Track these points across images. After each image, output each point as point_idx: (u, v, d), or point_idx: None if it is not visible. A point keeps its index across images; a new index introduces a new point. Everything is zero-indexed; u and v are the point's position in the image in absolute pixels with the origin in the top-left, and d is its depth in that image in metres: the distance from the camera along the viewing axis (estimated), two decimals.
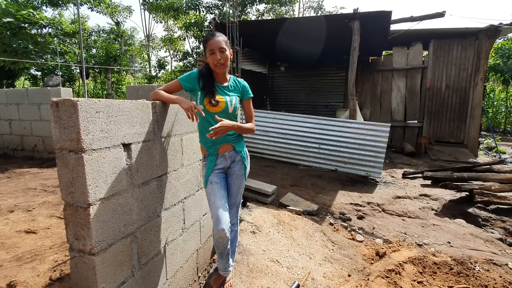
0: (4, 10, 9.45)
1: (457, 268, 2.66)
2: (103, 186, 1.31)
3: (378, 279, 2.47)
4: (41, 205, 3.22)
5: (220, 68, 1.76)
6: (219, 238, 1.74)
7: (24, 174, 4.56)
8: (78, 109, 1.18)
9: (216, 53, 1.73)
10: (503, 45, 12.43)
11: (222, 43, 1.74)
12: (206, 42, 1.76)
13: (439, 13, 6.33)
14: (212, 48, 1.73)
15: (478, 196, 4.07)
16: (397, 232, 3.46)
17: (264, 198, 3.97)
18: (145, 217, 1.61)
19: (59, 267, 2.01)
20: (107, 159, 1.34)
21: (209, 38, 1.75)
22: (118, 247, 1.41)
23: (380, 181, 5.48)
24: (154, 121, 1.65)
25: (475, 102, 8.17)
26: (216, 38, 1.74)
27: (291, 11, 18.35)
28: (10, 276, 1.90)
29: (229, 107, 1.79)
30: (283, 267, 2.43)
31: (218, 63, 1.74)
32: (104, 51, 15.82)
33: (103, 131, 1.31)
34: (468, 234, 3.47)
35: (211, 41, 1.73)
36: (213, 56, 1.73)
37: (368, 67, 9.50)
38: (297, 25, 7.46)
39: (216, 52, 1.72)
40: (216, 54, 1.73)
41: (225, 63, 1.76)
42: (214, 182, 1.82)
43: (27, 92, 5.72)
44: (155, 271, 1.72)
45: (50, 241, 2.41)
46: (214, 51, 1.73)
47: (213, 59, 1.73)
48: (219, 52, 1.73)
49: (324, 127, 5.85)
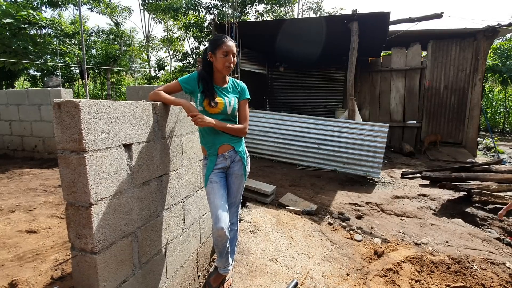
0: (4, 11, 9.46)
1: (455, 267, 2.69)
2: (104, 186, 1.33)
3: (376, 278, 2.49)
4: (42, 205, 3.23)
5: (227, 71, 1.83)
6: (218, 236, 1.77)
7: (25, 175, 4.58)
8: (80, 110, 1.20)
9: (229, 56, 1.79)
10: (502, 45, 12.48)
11: (235, 48, 1.83)
12: (221, 43, 1.77)
13: (437, 14, 6.37)
14: (227, 50, 1.77)
15: (476, 196, 4.10)
16: (396, 231, 3.49)
17: (264, 198, 3.99)
18: (146, 217, 1.63)
19: (61, 266, 2.03)
20: (108, 160, 1.36)
21: (225, 40, 1.79)
22: (119, 246, 1.43)
23: (378, 181, 5.50)
24: (154, 122, 1.68)
25: (473, 103, 8.21)
26: (231, 42, 1.81)
27: (290, 11, 18.37)
28: (12, 275, 1.92)
29: (227, 108, 1.82)
30: (282, 266, 2.45)
31: (230, 66, 1.81)
32: (103, 52, 15.83)
33: (104, 132, 1.33)
34: (466, 233, 3.49)
35: (226, 43, 1.78)
36: (226, 58, 1.78)
37: (367, 68, 9.53)
38: (296, 26, 7.49)
39: (230, 55, 1.79)
40: (229, 56, 1.79)
41: (232, 67, 1.84)
42: (214, 182, 1.85)
43: (28, 92, 5.74)
44: (156, 270, 1.74)
45: (51, 240, 2.43)
46: (228, 54, 1.78)
47: (226, 60, 1.78)
48: (233, 56, 1.81)
49: (323, 127, 5.87)
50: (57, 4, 14.02)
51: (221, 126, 1.79)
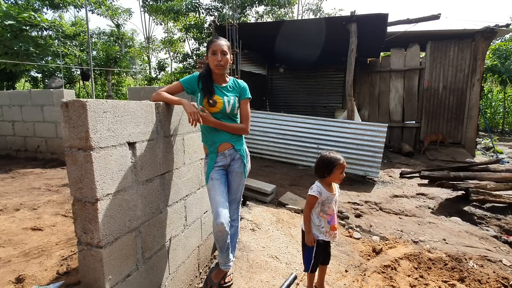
0: (5, 12, 9.53)
1: (452, 264, 2.73)
2: (110, 182, 1.38)
3: (374, 274, 2.54)
4: (46, 204, 3.29)
5: (219, 69, 1.87)
6: (218, 231, 1.82)
7: (28, 174, 4.64)
8: (87, 109, 1.26)
9: (217, 54, 1.84)
10: (501, 46, 12.54)
11: (225, 47, 1.86)
12: (210, 44, 1.87)
13: (435, 16, 6.43)
14: (215, 49, 1.84)
15: (473, 195, 4.14)
16: (394, 229, 3.53)
17: (264, 197, 4.04)
18: (149, 213, 1.68)
19: (66, 262, 2.08)
20: (114, 157, 1.41)
21: (213, 41, 1.87)
22: (123, 241, 1.48)
23: (378, 181, 5.55)
24: (157, 121, 1.73)
25: (472, 103, 8.26)
26: (220, 41, 1.86)
27: (290, 13, 18.44)
28: (19, 270, 1.97)
29: (226, 107, 1.87)
30: (282, 263, 2.50)
31: (218, 64, 1.85)
32: (104, 53, 15.90)
33: (110, 130, 1.38)
34: (463, 231, 3.54)
35: (215, 43, 1.85)
36: (214, 56, 1.84)
37: (366, 69, 9.59)
38: (295, 27, 7.56)
39: (218, 54, 1.84)
40: (217, 55, 1.84)
41: (224, 65, 1.87)
42: (214, 179, 1.91)
43: (30, 93, 5.80)
44: (158, 266, 1.79)
45: (56, 237, 2.48)
46: (216, 52, 1.84)
47: (214, 59, 1.84)
48: (221, 54, 1.84)
49: (322, 127, 5.92)
50: (58, 6, 14.09)
51: (221, 124, 1.85)
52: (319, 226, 1.96)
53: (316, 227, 1.96)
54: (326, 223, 1.96)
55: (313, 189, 1.94)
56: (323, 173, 1.93)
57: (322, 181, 1.97)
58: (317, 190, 1.93)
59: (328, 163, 1.90)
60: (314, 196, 1.91)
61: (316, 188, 1.93)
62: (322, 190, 1.93)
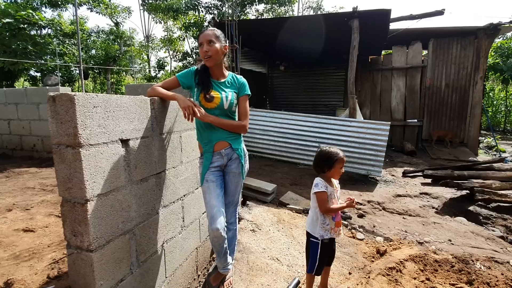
0: (3, 11, 9.43)
1: (459, 266, 2.65)
2: (100, 182, 1.29)
3: (379, 277, 2.45)
4: (39, 204, 3.20)
5: (208, 61, 1.74)
6: (214, 237, 1.72)
7: (23, 174, 4.55)
8: (75, 103, 1.17)
9: (203, 45, 1.72)
10: (503, 44, 12.43)
11: (211, 36, 1.72)
12: (198, 37, 1.77)
13: (439, 11, 6.33)
14: (201, 41, 1.73)
15: (478, 194, 4.06)
16: (398, 230, 3.45)
17: (264, 197, 3.96)
18: (144, 214, 1.59)
19: (57, 265, 1.99)
20: (105, 155, 1.32)
21: (200, 33, 1.77)
22: (116, 244, 1.40)
23: (380, 180, 5.46)
24: (152, 117, 1.64)
25: (474, 101, 8.17)
26: (205, 32, 1.74)
27: (290, 11, 18.31)
28: (8, 274, 1.88)
29: (224, 103, 1.76)
30: (283, 265, 2.42)
31: (206, 55, 1.71)
32: (103, 52, 15.80)
33: (100, 126, 1.29)
34: (469, 232, 3.45)
35: (201, 35, 1.75)
36: (201, 48, 1.73)
37: (367, 67, 9.49)
38: (296, 24, 7.45)
39: (204, 44, 1.71)
40: (203, 46, 1.72)
41: (213, 55, 1.72)
42: (210, 181, 1.78)
43: (26, 91, 5.71)
44: (154, 269, 1.70)
45: (48, 239, 2.39)
46: (202, 44, 1.73)
47: (201, 51, 1.73)
48: (206, 44, 1.71)
49: (324, 126, 5.83)
50: (57, 4, 13.98)
51: (218, 121, 1.74)
52: (324, 224, 1.91)
53: (320, 225, 1.91)
54: (331, 219, 1.92)
55: (318, 186, 1.89)
56: (323, 167, 1.90)
57: (323, 176, 1.93)
58: (323, 185, 1.89)
59: (328, 158, 1.87)
60: (324, 192, 1.86)
61: (321, 183, 1.89)
62: (326, 184, 1.90)
